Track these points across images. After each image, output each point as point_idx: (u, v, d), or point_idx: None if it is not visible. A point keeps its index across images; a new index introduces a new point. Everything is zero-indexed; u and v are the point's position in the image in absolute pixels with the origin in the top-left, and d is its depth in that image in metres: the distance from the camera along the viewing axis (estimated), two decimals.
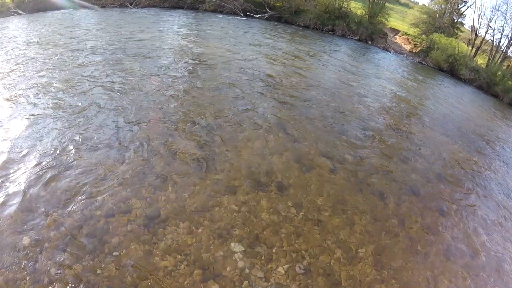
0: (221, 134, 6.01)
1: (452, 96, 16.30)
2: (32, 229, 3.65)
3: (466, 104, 15.48)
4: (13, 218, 3.74)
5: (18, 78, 7.52)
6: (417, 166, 6.88)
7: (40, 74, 7.85)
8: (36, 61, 8.77)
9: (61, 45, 10.61)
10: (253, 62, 11.14)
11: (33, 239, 3.55)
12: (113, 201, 4.13)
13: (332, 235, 4.37)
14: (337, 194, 5.14)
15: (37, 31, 13.52)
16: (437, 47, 23.84)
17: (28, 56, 9.17)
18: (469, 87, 21.81)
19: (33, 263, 3.31)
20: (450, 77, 22.55)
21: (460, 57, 23.42)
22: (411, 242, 4.68)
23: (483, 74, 22.98)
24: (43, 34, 12.36)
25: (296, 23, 23.90)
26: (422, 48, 25.10)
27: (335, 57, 16.10)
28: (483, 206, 6.29)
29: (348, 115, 8.39)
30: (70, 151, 4.93)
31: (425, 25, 27.95)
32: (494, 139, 11.04)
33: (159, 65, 9.37)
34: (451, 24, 27.80)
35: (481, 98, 19.85)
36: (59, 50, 9.94)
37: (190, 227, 3.99)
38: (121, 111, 6.32)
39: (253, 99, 7.89)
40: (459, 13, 29.19)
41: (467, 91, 20.08)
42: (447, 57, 23.12)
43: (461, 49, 24.99)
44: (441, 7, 28.32)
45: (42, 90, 6.91)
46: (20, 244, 3.48)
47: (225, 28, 18.00)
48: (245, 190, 4.69)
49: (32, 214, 3.82)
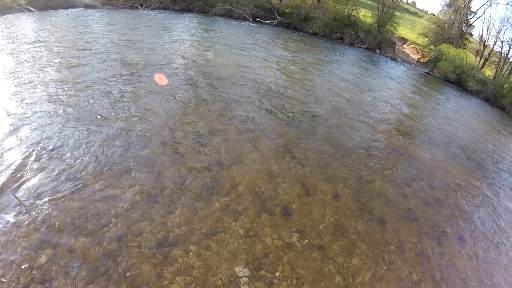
0: (228, 157, 6.25)
1: (458, 111, 16.35)
2: (48, 248, 3.89)
3: (472, 120, 15.52)
4: (28, 237, 3.97)
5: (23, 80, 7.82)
6: (418, 190, 7.05)
7: (40, 77, 8.12)
8: (39, 61, 9.00)
9: (67, 47, 10.88)
10: (260, 75, 11.36)
11: (49, 258, 3.78)
12: (125, 224, 4.39)
13: (332, 261, 4.61)
14: (338, 219, 5.37)
15: (45, 29, 13.81)
16: (445, 58, 23.89)
17: (33, 55, 9.40)
18: (476, 99, 21.78)
19: (49, 283, 3.54)
20: (457, 89, 22.56)
21: (468, 68, 23.43)
22: (407, 270, 4.89)
23: (490, 86, 22.95)
24: (51, 33, 12.61)
25: (305, 30, 24.05)
26: (430, 58, 25.15)
27: (343, 68, 16.25)
28: (482, 234, 6.44)
29: (353, 134, 8.58)
30: (79, 171, 5.19)
31: (433, 35, 27.97)
32: (498, 159, 11.11)
33: (167, 74, 9.66)
34: (459, 35, 27.76)
35: (488, 111, 19.82)
36: (65, 52, 10.22)
37: (198, 250, 4.24)
38: (127, 127, 6.58)
39: (259, 118, 8.12)
40: (468, 24, 29.12)
41: (473, 104, 20.07)
42: (454, 68, 23.17)
43: (469, 60, 24.99)
44: (450, 18, 28.30)
45: (42, 97, 7.19)
46: (36, 263, 3.71)
47: (234, 35, 18.22)
48: (250, 215, 4.94)
49: (47, 233, 4.06)
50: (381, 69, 19.56)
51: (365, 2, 28.91)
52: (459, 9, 27.34)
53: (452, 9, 28.82)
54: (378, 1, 27.11)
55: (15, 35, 12.14)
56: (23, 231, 4.04)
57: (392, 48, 24.53)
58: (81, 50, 10.80)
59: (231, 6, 24.00)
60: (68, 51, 10.52)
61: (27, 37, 12.09)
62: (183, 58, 11.83)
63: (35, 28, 14.10)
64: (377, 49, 24.16)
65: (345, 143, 8.00)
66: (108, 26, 15.92)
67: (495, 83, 23.78)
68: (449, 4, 29.55)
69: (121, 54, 10.89)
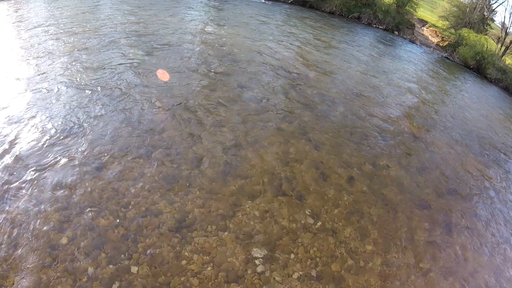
0: (245, 139, 6.30)
1: (476, 99, 16.03)
2: (69, 228, 3.98)
3: (491, 110, 15.20)
4: (50, 218, 4.05)
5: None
6: (432, 179, 7.06)
7: (49, 63, 7.94)
8: (48, 47, 8.92)
9: (76, 30, 10.70)
10: (276, 56, 11.22)
11: (71, 239, 3.86)
12: (145, 205, 4.50)
13: (345, 244, 4.72)
14: (353, 204, 5.45)
15: (53, 11, 13.68)
16: (465, 43, 23.23)
17: (42, 42, 9.32)
18: (495, 88, 21.30)
19: (71, 262, 3.62)
20: (476, 76, 22.00)
21: (488, 55, 22.82)
22: (416, 258, 4.98)
23: (510, 75, 22.38)
24: (60, 16, 12.47)
25: (321, 9, 23.42)
26: (450, 42, 24.41)
27: (360, 50, 15.91)
28: (493, 225, 6.47)
29: (369, 119, 8.54)
30: (98, 153, 5.25)
31: (454, 18, 27.06)
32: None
33: (182, 56, 9.56)
34: (481, 20, 26.78)
35: (507, 101, 19.37)
36: (75, 35, 10.05)
37: (215, 231, 4.38)
38: (144, 109, 6.62)
39: (275, 100, 8.10)
40: (490, 9, 28.02)
41: (492, 93, 19.61)
42: (474, 55, 22.58)
43: (489, 47, 24.20)
44: (472, 1, 27.26)
45: (55, 79, 7.16)
46: (59, 243, 3.80)
47: (248, 14, 17.84)
48: (267, 197, 5.04)
49: (68, 214, 4.16)
50: (399, 52, 19.10)
51: None
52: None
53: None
54: None
55: (26, 19, 12.05)
56: (44, 212, 4.12)
57: (411, 30, 23.83)
58: (94, 30, 10.70)
59: None
60: (81, 31, 10.41)
61: (38, 19, 12.01)
62: (198, 38, 11.68)
63: (46, 10, 13.99)
64: (395, 31, 23.52)
65: (361, 128, 7.98)
66: (119, 5, 15.69)
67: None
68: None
69: (134, 34, 10.77)
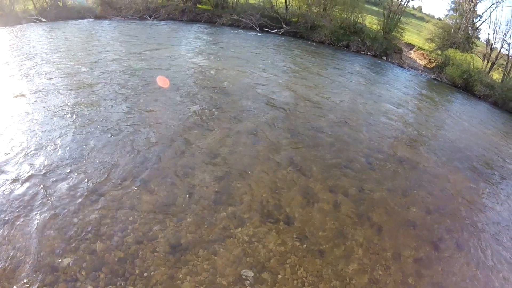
0: (235, 168, 6.70)
1: (465, 117, 16.43)
2: (70, 251, 4.37)
3: (478, 126, 15.57)
4: (51, 242, 4.47)
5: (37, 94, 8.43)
6: (418, 199, 7.32)
7: (52, 86, 8.75)
8: (47, 75, 9.60)
9: (74, 59, 11.51)
10: (267, 87, 11.82)
11: (72, 260, 4.25)
12: (142, 230, 4.86)
13: (331, 265, 4.97)
14: (338, 227, 5.73)
15: (55, 40, 14.49)
16: (452, 63, 23.95)
17: (41, 68, 10.01)
18: (484, 104, 21.65)
19: (71, 283, 3.98)
20: (464, 94, 22.52)
21: (475, 73, 23.40)
22: (403, 275, 5.20)
23: (498, 89, 22.82)
24: (60, 45, 13.27)
25: (312, 39, 24.52)
26: (437, 63, 25.24)
27: (349, 78, 16.59)
28: (479, 240, 6.63)
29: (356, 145, 8.91)
30: (97, 182, 5.70)
31: (440, 40, 28.03)
32: (502, 168, 11.14)
33: (176, 88, 10.23)
34: (466, 39, 27.78)
35: (495, 116, 19.69)
36: (73, 64, 10.84)
37: (207, 254, 4.67)
38: (139, 140, 7.12)
39: (265, 131, 8.55)
40: (474, 27, 29.10)
41: (481, 109, 20.04)
42: (462, 73, 23.15)
43: (476, 64, 24.95)
44: (456, 22, 28.34)
45: (54, 107, 7.78)
46: (60, 265, 4.18)
47: (241, 45, 18.77)
48: (255, 223, 5.36)
49: (69, 238, 4.55)
50: (387, 77, 19.80)
51: (371, 8, 29.26)
52: (465, 13, 27.34)
53: (458, 13, 28.86)
54: (384, 7, 27.43)
55: (25, 46, 12.76)
56: (47, 236, 4.53)
57: (399, 55, 24.76)
58: (92, 62, 11.44)
59: (238, 16, 24.66)
60: (79, 63, 11.18)
61: (37, 48, 12.72)
62: (192, 70, 12.40)
63: (46, 39, 14.76)
64: (383, 56, 24.43)
65: (348, 154, 8.34)
66: (118, 37, 16.58)
67: (503, 86, 23.60)
68: (455, 8, 29.64)
69: (131, 67, 11.54)
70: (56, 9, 23.02)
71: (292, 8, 26.38)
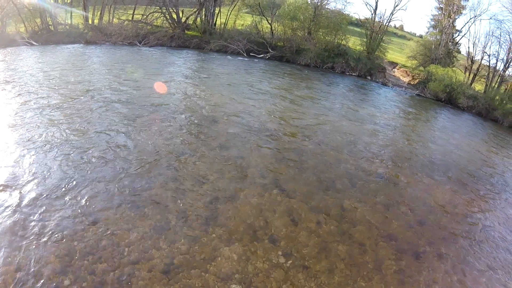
0: (224, 193, 7.14)
1: (448, 130, 17.02)
2: (71, 272, 4.71)
3: (461, 137, 16.12)
4: (53, 263, 4.81)
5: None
6: (399, 213, 7.70)
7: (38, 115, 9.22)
8: (38, 98, 10.09)
9: (63, 85, 12.12)
10: (253, 114, 12.35)
11: (73, 281, 4.59)
12: (137, 251, 5.24)
13: (315, 279, 5.33)
14: (321, 244, 6.11)
15: (45, 65, 15.02)
16: (434, 78, 24.91)
17: (32, 91, 10.49)
18: (468, 115, 22.36)
19: None
20: (448, 107, 23.31)
21: (457, 86, 24.38)
22: (385, 285, 5.53)
23: (481, 100, 23.71)
24: (50, 70, 13.82)
25: (297, 62, 25.49)
26: (420, 79, 26.26)
27: (333, 99, 17.30)
28: (460, 248, 6.98)
29: (339, 165, 9.38)
30: (93, 208, 6.09)
31: (422, 56, 29.27)
32: (484, 177, 11.48)
33: (164, 115, 10.80)
34: (447, 54, 29.00)
35: (479, 125, 20.34)
36: (61, 90, 11.45)
37: (199, 272, 5.04)
38: (131, 168, 7.53)
39: (252, 155, 9.02)
40: (454, 42, 30.42)
41: (465, 120, 20.66)
42: (444, 87, 24.09)
43: (458, 77, 25.96)
44: (437, 38, 29.65)
45: (43, 136, 8.19)
46: (62, 285, 4.52)
47: (228, 71, 19.55)
48: (243, 243, 5.76)
49: (71, 259, 4.91)
50: (372, 96, 20.51)
51: (354, 30, 30.56)
52: (444, 29, 28.67)
53: (437, 30, 30.25)
54: (366, 28, 28.70)
55: (15, 70, 13.29)
56: (47, 259, 4.88)
57: (383, 73, 25.76)
58: (80, 90, 12.06)
59: (226, 42, 25.63)
60: (67, 89, 11.81)
61: (27, 72, 13.27)
62: (180, 97, 13.03)
63: (36, 63, 15.30)
64: (368, 76, 25.40)
65: (330, 175, 8.77)
66: (107, 63, 17.17)
67: (486, 96, 24.53)
68: (435, 25, 31.08)
69: (119, 94, 12.18)
70: (48, 33, 23.30)
71: (278, 33, 27.50)
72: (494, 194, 10.33)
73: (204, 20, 28.58)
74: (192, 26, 28.87)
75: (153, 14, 28.44)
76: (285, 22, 27.13)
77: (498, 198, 10.09)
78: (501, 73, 26.42)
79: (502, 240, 7.71)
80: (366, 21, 30.35)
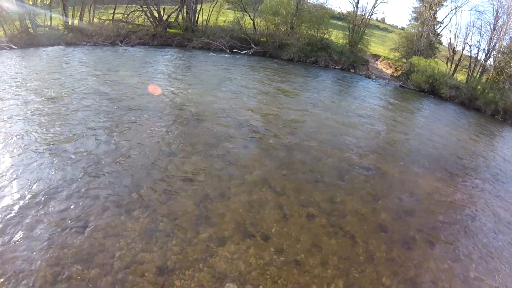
0: (213, 192, 7.06)
1: (432, 120, 17.39)
2: (62, 281, 4.59)
3: (445, 127, 16.48)
4: (43, 272, 4.68)
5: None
6: (388, 204, 7.81)
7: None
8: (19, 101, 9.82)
9: (45, 88, 11.88)
10: (238, 111, 12.26)
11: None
12: (129, 255, 5.13)
13: (308, 273, 5.35)
14: (313, 238, 6.13)
15: (24, 69, 14.66)
16: (416, 70, 25.28)
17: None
18: (451, 105, 22.84)
19: None
20: (431, 98, 23.76)
21: (439, 76, 24.74)
22: (378, 275, 5.61)
23: (463, 90, 24.20)
24: (31, 72, 13.52)
25: (281, 57, 25.46)
26: (403, 71, 26.64)
27: (317, 93, 17.36)
28: (450, 236, 7.14)
29: (325, 159, 9.43)
30: (82, 212, 5.93)
31: (404, 48, 29.67)
32: (469, 165, 11.80)
33: (149, 114, 10.64)
34: (429, 45, 29.48)
35: (462, 115, 20.81)
36: (42, 93, 11.21)
37: (192, 273, 4.98)
38: (118, 170, 7.39)
39: (239, 152, 8.96)
40: (436, 34, 30.96)
41: (448, 110, 21.10)
42: (427, 78, 24.42)
43: (440, 68, 26.43)
44: (418, 30, 30.08)
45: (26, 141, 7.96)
46: None
47: (211, 68, 19.38)
48: (235, 241, 5.72)
49: (62, 267, 4.79)
50: (355, 89, 20.72)
51: (336, 24, 30.73)
52: (426, 21, 29.08)
53: (419, 22, 30.71)
54: (349, 21, 28.91)
55: None
56: (38, 267, 4.75)
57: (366, 66, 26.03)
58: (60, 93, 11.80)
59: (208, 39, 25.39)
60: (48, 92, 11.53)
61: (7, 74, 12.91)
62: (164, 97, 12.81)
63: (16, 67, 14.89)
64: (351, 69, 25.63)
65: (318, 169, 8.81)
66: (88, 64, 16.83)
67: (468, 86, 25.06)
68: (416, 17, 31.55)
69: (99, 95, 11.91)
70: (27, 36, 22.73)
71: (260, 29, 27.37)
72: (478, 180, 10.63)
73: (186, 18, 28.18)
74: (174, 24, 28.42)
75: (134, 12, 27.91)
76: (267, 18, 27.00)
77: (481, 184, 10.38)
78: (482, 63, 26.96)
79: (488, 225, 7.95)
80: (348, 15, 30.55)
